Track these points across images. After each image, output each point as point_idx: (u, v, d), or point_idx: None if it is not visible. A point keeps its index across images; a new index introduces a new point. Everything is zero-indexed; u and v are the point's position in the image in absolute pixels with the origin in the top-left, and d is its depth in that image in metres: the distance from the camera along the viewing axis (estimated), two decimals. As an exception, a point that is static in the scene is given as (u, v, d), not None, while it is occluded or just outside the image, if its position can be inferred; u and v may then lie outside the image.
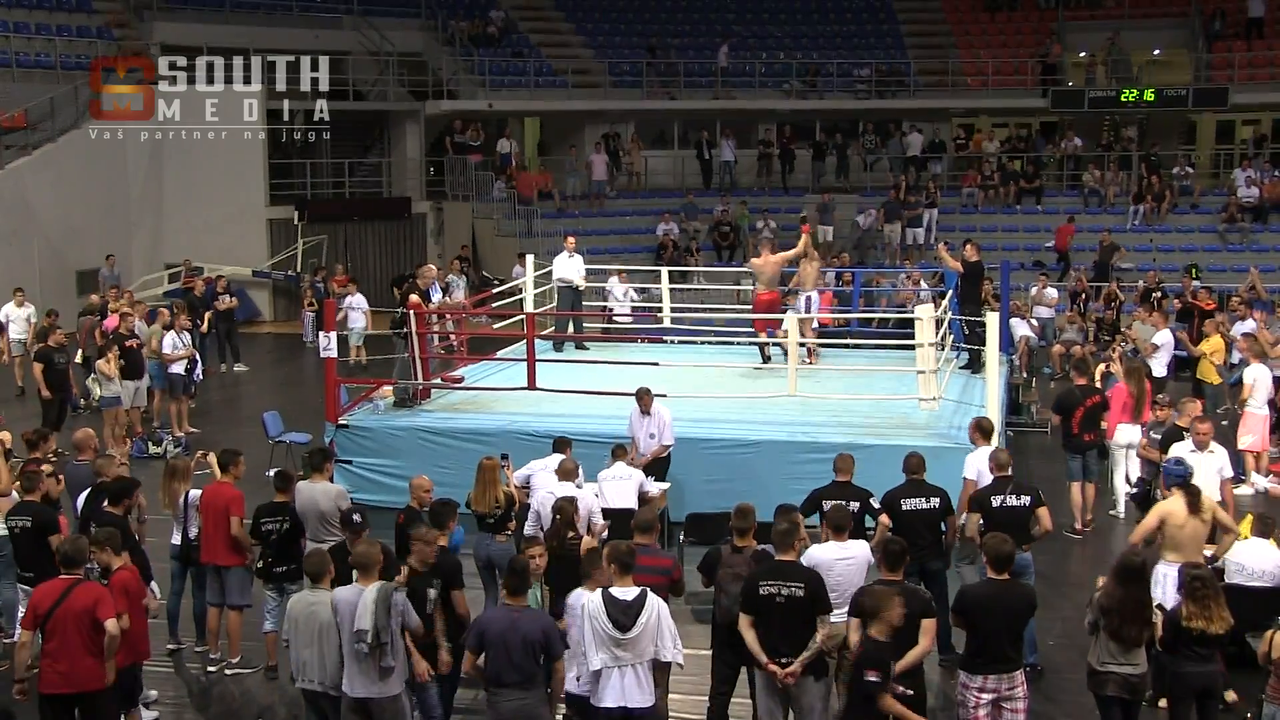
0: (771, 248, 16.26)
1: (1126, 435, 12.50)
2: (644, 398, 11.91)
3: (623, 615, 6.86)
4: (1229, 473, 10.47)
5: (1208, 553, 9.09)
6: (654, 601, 6.97)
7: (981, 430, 10.25)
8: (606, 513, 10.42)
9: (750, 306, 16.30)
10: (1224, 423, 15.29)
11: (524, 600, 7.03)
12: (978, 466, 9.72)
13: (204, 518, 9.34)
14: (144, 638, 7.96)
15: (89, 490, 9.42)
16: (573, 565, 8.20)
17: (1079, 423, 12.34)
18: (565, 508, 8.65)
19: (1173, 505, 8.78)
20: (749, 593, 7.29)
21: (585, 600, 7.02)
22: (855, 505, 9.02)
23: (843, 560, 7.77)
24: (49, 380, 15.40)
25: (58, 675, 7.16)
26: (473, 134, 29.18)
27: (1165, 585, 8.45)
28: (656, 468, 11.87)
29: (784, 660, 7.18)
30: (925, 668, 7.44)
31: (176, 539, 9.63)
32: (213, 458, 10.23)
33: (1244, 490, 13.70)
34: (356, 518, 8.41)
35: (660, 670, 7.20)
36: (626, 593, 6.93)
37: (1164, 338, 15.79)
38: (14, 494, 9.83)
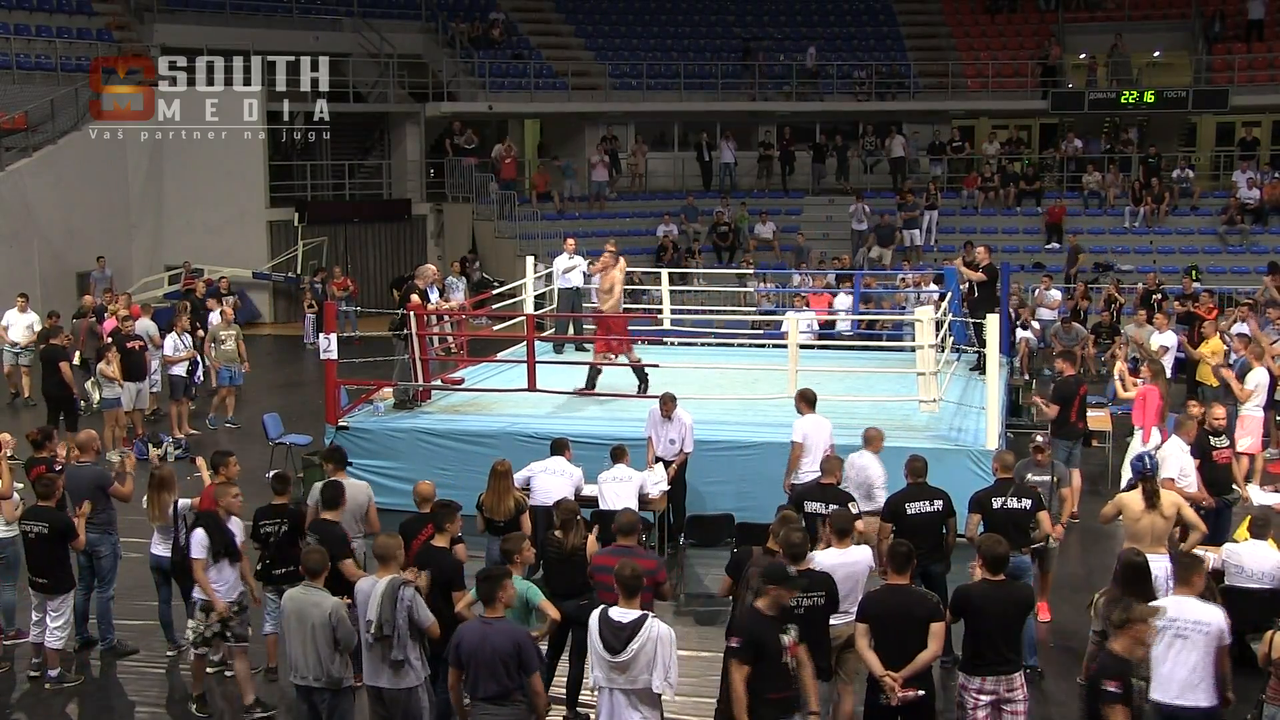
0: (614, 261, 14.98)
1: (1158, 437, 12.51)
2: (667, 403, 11.84)
3: (614, 637, 6.62)
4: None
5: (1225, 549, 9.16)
6: (654, 628, 6.65)
7: (805, 399, 11.16)
8: (606, 514, 10.44)
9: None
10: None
11: (497, 611, 6.83)
12: (803, 431, 10.82)
13: None
14: None
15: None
16: (576, 568, 8.20)
17: (1076, 411, 12.58)
18: (572, 509, 8.62)
19: (1130, 498, 9.02)
20: None
21: (591, 615, 6.83)
22: (834, 508, 9.03)
23: (845, 565, 7.73)
24: (64, 379, 15.35)
25: None
26: (468, 137, 29.21)
27: None
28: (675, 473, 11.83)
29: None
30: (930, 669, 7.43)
31: (158, 549, 9.56)
32: (201, 462, 10.23)
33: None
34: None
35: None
36: (625, 614, 6.69)
37: (1169, 339, 15.83)
38: (15, 496, 9.83)
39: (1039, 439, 10.36)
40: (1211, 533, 10.65)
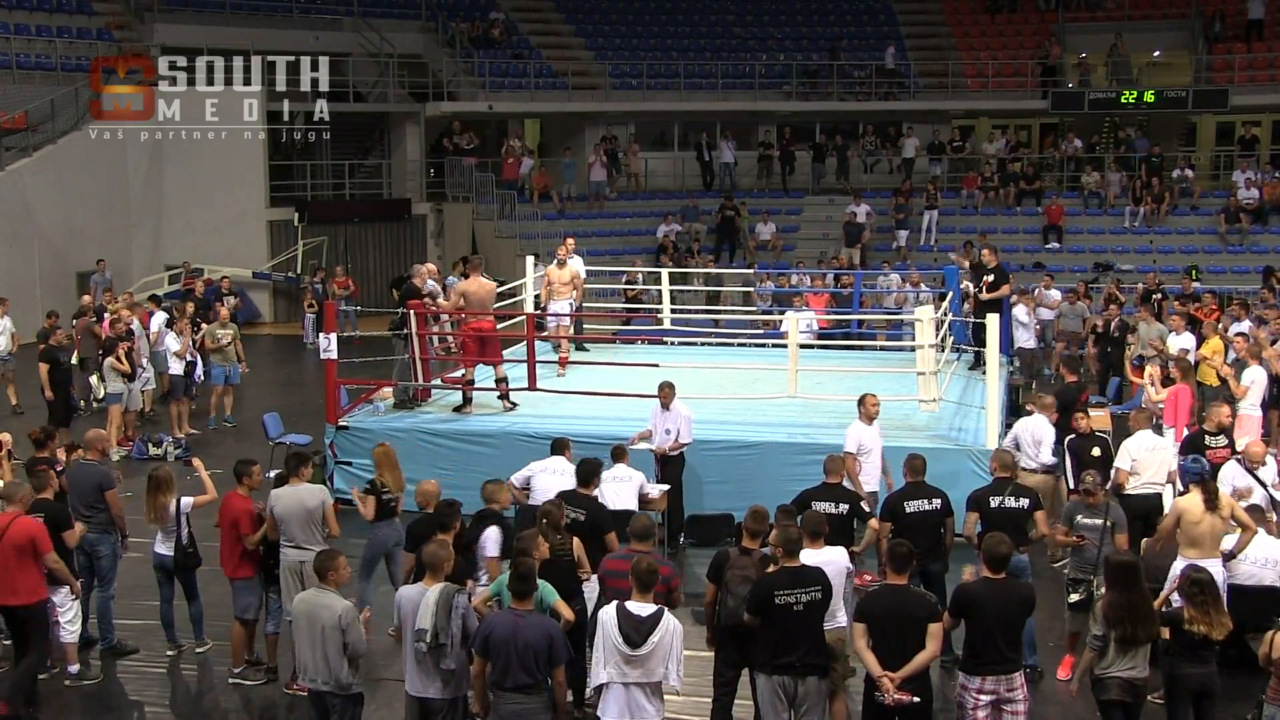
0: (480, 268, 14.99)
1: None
2: (664, 391, 11.85)
3: (634, 631, 6.74)
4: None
5: (1226, 547, 9.12)
6: (669, 622, 6.82)
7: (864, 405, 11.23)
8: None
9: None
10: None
11: (528, 604, 6.92)
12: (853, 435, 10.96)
13: (220, 528, 9.28)
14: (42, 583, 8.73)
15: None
16: (565, 570, 8.14)
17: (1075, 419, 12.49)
18: (552, 512, 8.55)
19: (1189, 502, 8.90)
20: (763, 601, 7.20)
21: (601, 611, 6.91)
22: (844, 508, 9.01)
23: (819, 565, 7.58)
24: (54, 380, 15.36)
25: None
26: (468, 138, 29.21)
27: None
28: (671, 469, 11.83)
29: (793, 663, 7.14)
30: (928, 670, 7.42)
31: (161, 549, 9.56)
32: (198, 462, 10.20)
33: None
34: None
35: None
36: (643, 608, 6.82)
37: (1188, 341, 15.86)
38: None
39: (1089, 480, 9.30)
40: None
